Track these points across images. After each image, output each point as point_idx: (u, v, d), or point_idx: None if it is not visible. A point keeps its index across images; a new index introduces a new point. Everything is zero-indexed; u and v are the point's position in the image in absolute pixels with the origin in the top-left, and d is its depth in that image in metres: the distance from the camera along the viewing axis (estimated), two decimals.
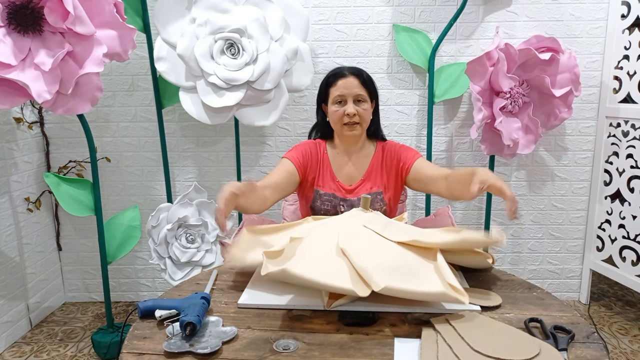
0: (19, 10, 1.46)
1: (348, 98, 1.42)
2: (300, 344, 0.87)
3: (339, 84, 1.44)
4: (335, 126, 1.48)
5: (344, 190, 1.49)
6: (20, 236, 2.16)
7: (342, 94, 1.43)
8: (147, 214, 2.27)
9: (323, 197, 1.49)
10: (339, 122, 1.45)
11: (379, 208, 1.48)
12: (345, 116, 1.42)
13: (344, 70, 1.47)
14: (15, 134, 2.15)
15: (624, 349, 2.00)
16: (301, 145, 1.53)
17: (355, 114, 1.42)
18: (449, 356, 0.80)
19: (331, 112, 1.46)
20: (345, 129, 1.44)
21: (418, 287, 0.95)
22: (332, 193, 1.48)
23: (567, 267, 2.45)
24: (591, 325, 1.06)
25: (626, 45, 2.11)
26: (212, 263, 2.09)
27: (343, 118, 1.43)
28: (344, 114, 1.42)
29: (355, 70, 1.47)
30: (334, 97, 1.44)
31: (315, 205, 1.50)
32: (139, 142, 2.35)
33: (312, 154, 1.51)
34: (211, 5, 1.82)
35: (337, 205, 1.48)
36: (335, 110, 1.44)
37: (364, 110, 1.44)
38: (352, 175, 1.50)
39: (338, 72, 1.47)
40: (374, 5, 2.21)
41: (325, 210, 1.48)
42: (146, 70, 2.26)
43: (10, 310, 2.10)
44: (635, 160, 2.10)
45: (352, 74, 1.45)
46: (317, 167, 1.51)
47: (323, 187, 1.50)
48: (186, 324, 0.88)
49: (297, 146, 1.53)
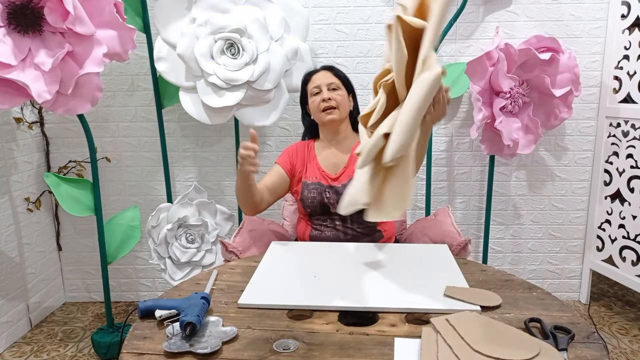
0: (19, 10, 1.46)
1: (322, 87, 1.57)
2: (300, 344, 0.87)
3: (313, 78, 1.61)
4: (316, 116, 1.61)
5: (330, 179, 1.58)
6: (20, 236, 2.17)
7: (317, 84, 1.58)
8: (147, 214, 2.27)
9: (310, 187, 1.57)
10: (317, 110, 1.58)
11: None
12: (322, 102, 1.56)
13: (316, 68, 1.66)
14: (15, 134, 2.15)
15: (624, 349, 2.00)
16: (289, 148, 1.69)
17: (330, 97, 1.56)
18: (449, 356, 0.80)
19: (311, 104, 1.61)
20: (324, 115, 1.57)
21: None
22: (317, 182, 1.57)
23: (567, 267, 2.45)
24: (591, 325, 1.07)
25: (626, 45, 2.11)
26: (212, 263, 2.09)
27: (320, 105, 1.56)
28: (321, 101, 1.56)
29: (326, 65, 1.65)
30: (311, 90, 1.60)
31: (303, 195, 1.58)
32: (139, 142, 2.35)
33: (298, 152, 1.65)
34: (211, 5, 1.82)
35: (323, 192, 1.56)
36: (313, 101, 1.59)
37: (339, 95, 1.57)
38: (337, 164, 1.60)
39: (311, 71, 1.66)
40: (374, 5, 2.21)
41: (312, 198, 1.56)
42: (146, 70, 2.26)
43: (10, 310, 2.10)
44: (635, 160, 2.10)
45: (323, 69, 1.63)
46: (304, 162, 1.63)
47: (309, 178, 1.59)
48: (186, 324, 0.88)
49: (285, 150, 1.68)
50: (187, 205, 2.03)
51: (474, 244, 2.43)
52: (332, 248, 1.38)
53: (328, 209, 1.55)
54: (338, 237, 1.54)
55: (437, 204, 2.37)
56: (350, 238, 1.54)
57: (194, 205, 2.05)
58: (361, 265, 1.23)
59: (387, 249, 1.37)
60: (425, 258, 1.28)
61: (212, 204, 2.10)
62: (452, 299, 1.02)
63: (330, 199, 1.54)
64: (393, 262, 1.25)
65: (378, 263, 1.24)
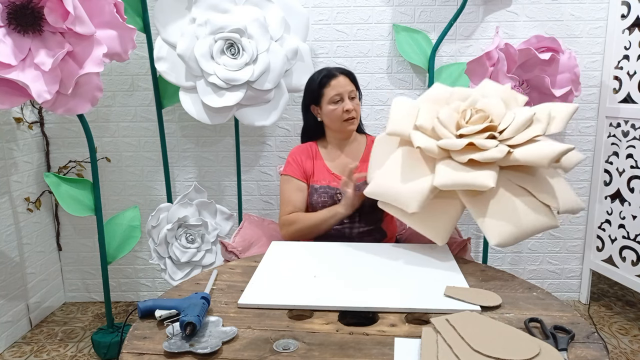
0: (19, 10, 1.46)
1: (344, 96, 1.54)
2: (300, 344, 0.87)
3: (332, 84, 1.54)
4: (334, 124, 1.57)
5: (340, 180, 1.54)
6: (20, 236, 2.17)
7: (339, 92, 1.53)
8: (147, 214, 2.27)
9: (319, 191, 1.55)
10: (338, 119, 1.55)
11: None
12: (345, 112, 1.53)
13: (333, 70, 1.58)
14: (15, 134, 2.15)
15: (624, 349, 2.00)
16: (291, 156, 1.62)
17: (353, 109, 1.54)
18: (449, 356, 0.80)
19: (329, 112, 1.55)
20: (345, 125, 1.55)
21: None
22: (326, 185, 1.55)
23: (567, 267, 2.45)
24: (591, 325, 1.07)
25: (626, 45, 2.11)
26: (212, 263, 2.09)
27: (343, 115, 1.53)
28: (344, 111, 1.53)
29: (344, 70, 1.60)
30: (331, 97, 1.54)
31: (312, 199, 1.56)
32: (139, 142, 2.35)
33: (303, 156, 1.61)
34: (211, 5, 1.82)
35: (334, 196, 1.54)
36: (334, 109, 1.54)
37: (357, 105, 1.58)
38: (346, 165, 1.57)
39: (329, 73, 1.57)
40: (374, 5, 2.21)
41: (323, 202, 1.54)
42: (146, 70, 2.26)
43: (10, 310, 2.10)
44: (635, 160, 2.10)
45: (342, 74, 1.57)
46: (312, 166, 1.60)
47: (318, 182, 1.56)
48: (186, 324, 0.88)
49: (289, 160, 1.62)
50: (187, 205, 2.03)
51: (474, 243, 2.42)
52: (332, 248, 1.38)
53: None
54: (343, 235, 1.54)
55: None
56: (355, 236, 1.54)
57: (194, 205, 2.05)
58: (361, 265, 1.23)
59: (387, 249, 1.37)
60: (425, 258, 1.28)
61: (212, 204, 2.10)
62: (452, 299, 1.02)
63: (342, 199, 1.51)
64: (393, 262, 1.25)
65: (378, 263, 1.24)
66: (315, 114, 1.63)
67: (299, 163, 1.59)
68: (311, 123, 1.66)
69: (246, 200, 2.40)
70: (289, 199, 1.55)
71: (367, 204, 1.51)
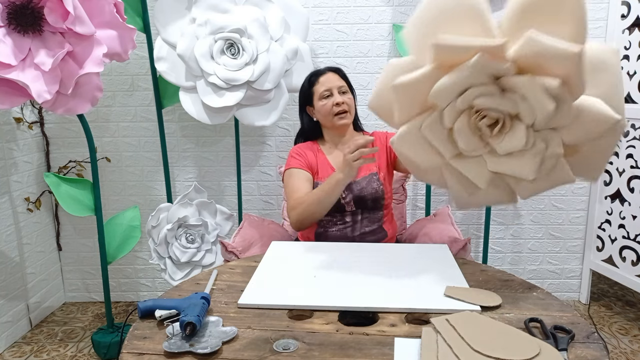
0: (19, 10, 1.46)
1: (333, 90, 1.55)
2: (300, 344, 0.87)
3: (321, 80, 1.58)
4: (326, 119, 1.58)
5: None
6: (20, 236, 2.17)
7: (328, 88, 1.55)
8: (147, 214, 2.27)
9: None
10: (329, 114, 1.55)
11: (377, 187, 1.55)
12: (335, 106, 1.54)
13: (321, 69, 1.62)
14: (15, 134, 2.15)
15: (624, 349, 2.00)
16: (295, 150, 1.62)
17: (343, 102, 1.54)
18: (449, 356, 0.80)
19: (320, 107, 1.57)
20: (337, 119, 1.55)
21: None
22: None
23: (567, 267, 2.45)
24: (591, 325, 1.07)
25: (626, 45, 2.11)
26: (212, 263, 2.09)
27: (333, 109, 1.54)
28: (333, 105, 1.54)
29: (332, 67, 1.63)
30: (321, 93, 1.56)
31: None
32: (139, 142, 2.35)
33: (307, 152, 1.61)
34: (211, 5, 1.82)
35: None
36: (324, 104, 1.56)
37: (349, 99, 1.57)
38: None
39: (317, 72, 1.62)
40: (374, 5, 2.21)
41: None
42: (146, 70, 2.26)
43: (10, 310, 2.10)
44: (635, 160, 2.10)
45: (330, 71, 1.60)
46: (315, 161, 1.60)
47: (322, 178, 1.57)
48: (186, 324, 0.88)
49: (293, 154, 1.61)
50: (187, 205, 2.03)
51: (474, 244, 2.43)
52: (332, 248, 1.38)
53: (343, 207, 1.54)
54: (345, 235, 1.54)
55: (437, 203, 2.37)
56: (357, 236, 1.54)
57: (194, 205, 2.05)
58: (361, 265, 1.23)
59: (387, 249, 1.37)
60: (425, 258, 1.28)
61: (212, 204, 2.10)
62: (452, 299, 1.02)
63: (346, 198, 1.53)
64: (393, 262, 1.25)
65: (378, 263, 1.24)
66: (310, 114, 1.65)
67: (303, 156, 1.59)
68: (309, 125, 1.67)
69: (246, 200, 2.40)
70: (297, 187, 1.50)
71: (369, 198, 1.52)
